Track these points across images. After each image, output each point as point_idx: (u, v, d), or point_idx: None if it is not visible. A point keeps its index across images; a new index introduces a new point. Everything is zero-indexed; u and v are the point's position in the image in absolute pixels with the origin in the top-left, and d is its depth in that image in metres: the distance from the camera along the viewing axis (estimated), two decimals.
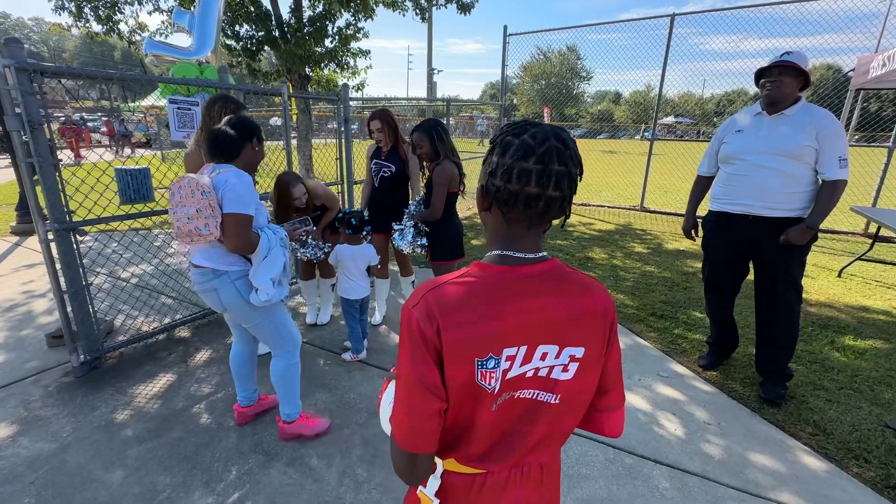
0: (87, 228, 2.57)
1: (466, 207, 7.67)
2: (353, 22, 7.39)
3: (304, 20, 7.00)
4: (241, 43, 6.83)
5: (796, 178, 2.23)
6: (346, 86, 4.40)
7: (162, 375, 2.65)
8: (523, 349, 0.70)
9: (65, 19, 7.88)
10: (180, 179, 1.72)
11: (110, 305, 3.17)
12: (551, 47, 32.74)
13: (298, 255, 3.01)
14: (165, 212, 2.91)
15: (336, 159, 4.41)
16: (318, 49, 7.06)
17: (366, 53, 8.01)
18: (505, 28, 8.31)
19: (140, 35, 8.13)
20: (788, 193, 2.24)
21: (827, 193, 2.21)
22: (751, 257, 2.51)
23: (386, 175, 3.12)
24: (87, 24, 8.09)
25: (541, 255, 0.74)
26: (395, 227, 2.81)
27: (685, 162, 9.82)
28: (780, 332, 2.45)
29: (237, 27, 6.71)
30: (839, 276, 4.39)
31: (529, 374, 0.72)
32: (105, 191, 2.71)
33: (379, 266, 2.95)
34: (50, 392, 2.48)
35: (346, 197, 4.51)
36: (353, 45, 7.64)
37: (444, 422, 0.72)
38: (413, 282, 3.49)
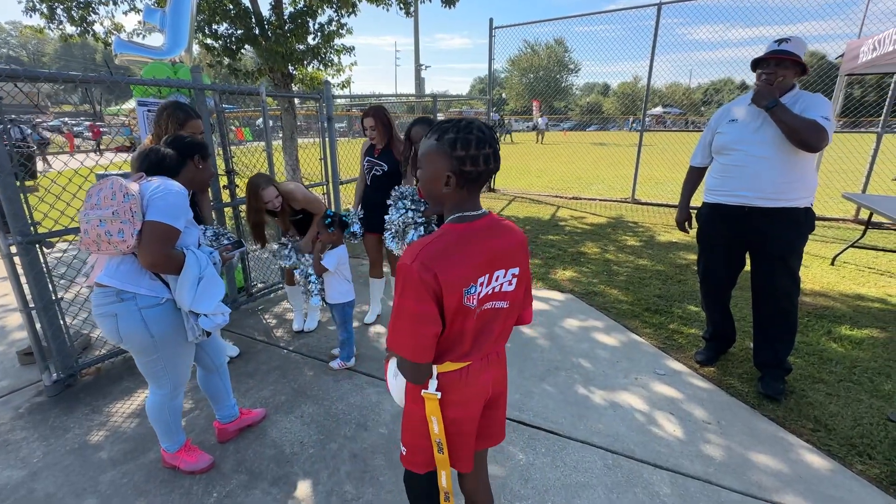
0: (54, 240, 2.44)
1: None
2: (336, 18, 7.23)
3: (285, 17, 6.82)
4: (220, 42, 6.63)
5: (793, 168, 2.16)
6: (327, 83, 4.27)
7: (140, 392, 2.53)
8: (486, 276, 1.04)
9: (37, 21, 7.63)
10: (102, 181, 1.54)
11: (84, 319, 3.03)
12: (539, 40, 32.67)
13: (278, 262, 2.90)
14: None
15: (320, 159, 4.29)
16: (301, 46, 6.89)
17: (350, 50, 7.84)
18: (491, 21, 8.20)
19: (116, 36, 7.89)
20: (785, 183, 2.18)
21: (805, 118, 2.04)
22: (747, 249, 2.45)
23: (378, 174, 3.01)
24: (61, 26, 7.84)
25: (483, 211, 1.07)
26: (394, 226, 2.64)
27: (675, 152, 9.77)
28: (778, 325, 2.39)
29: (215, 25, 6.51)
30: (832, 263, 4.36)
31: (490, 292, 1.06)
32: (72, 200, 2.57)
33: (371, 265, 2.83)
34: (21, 414, 2.35)
35: (332, 197, 4.40)
36: (337, 41, 7.48)
37: (441, 336, 1.03)
38: None
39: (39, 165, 13.08)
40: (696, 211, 2.60)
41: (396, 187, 2.64)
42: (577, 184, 9.72)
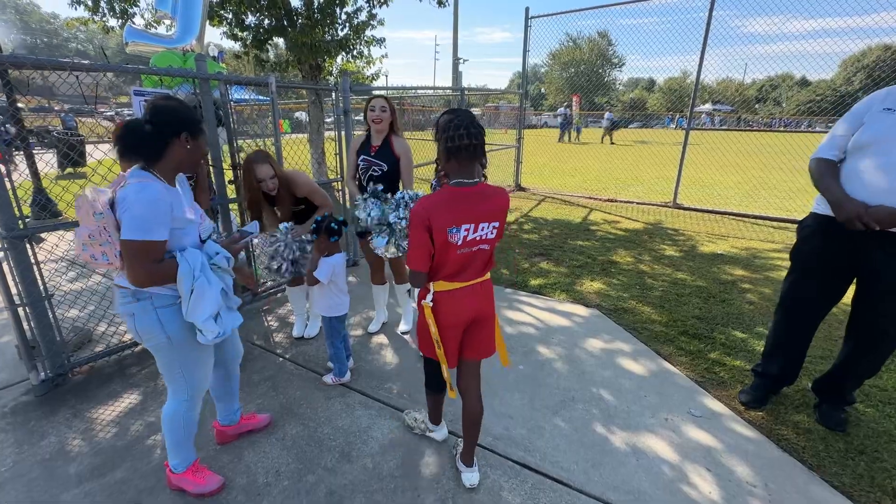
0: (44, 234, 2.35)
1: None
2: (368, 8, 7.03)
3: (314, 7, 6.69)
4: (247, 32, 6.59)
5: None
6: (345, 74, 4.06)
7: (126, 396, 2.42)
8: (472, 225, 1.52)
9: (82, 13, 7.87)
10: (78, 196, 1.42)
11: (91, 312, 2.97)
12: (581, 33, 31.47)
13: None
14: None
15: (335, 154, 4.10)
16: (327, 37, 6.74)
17: (380, 42, 7.64)
18: (526, 10, 7.77)
19: (129, 24, 8.02)
20: None
21: None
22: (856, 279, 1.99)
23: (377, 174, 2.75)
24: (104, 18, 8.07)
25: (476, 180, 1.53)
26: (379, 224, 2.40)
27: (724, 153, 8.99)
28: (870, 365, 2.05)
29: (243, 17, 6.46)
30: None
31: (478, 237, 1.54)
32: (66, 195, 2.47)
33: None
34: (4, 413, 2.28)
35: (345, 196, 4.20)
36: (368, 33, 7.28)
37: (434, 258, 1.55)
38: (409, 290, 3.14)
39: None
40: (799, 223, 2.15)
41: (371, 185, 2.43)
42: (614, 185, 9.14)
